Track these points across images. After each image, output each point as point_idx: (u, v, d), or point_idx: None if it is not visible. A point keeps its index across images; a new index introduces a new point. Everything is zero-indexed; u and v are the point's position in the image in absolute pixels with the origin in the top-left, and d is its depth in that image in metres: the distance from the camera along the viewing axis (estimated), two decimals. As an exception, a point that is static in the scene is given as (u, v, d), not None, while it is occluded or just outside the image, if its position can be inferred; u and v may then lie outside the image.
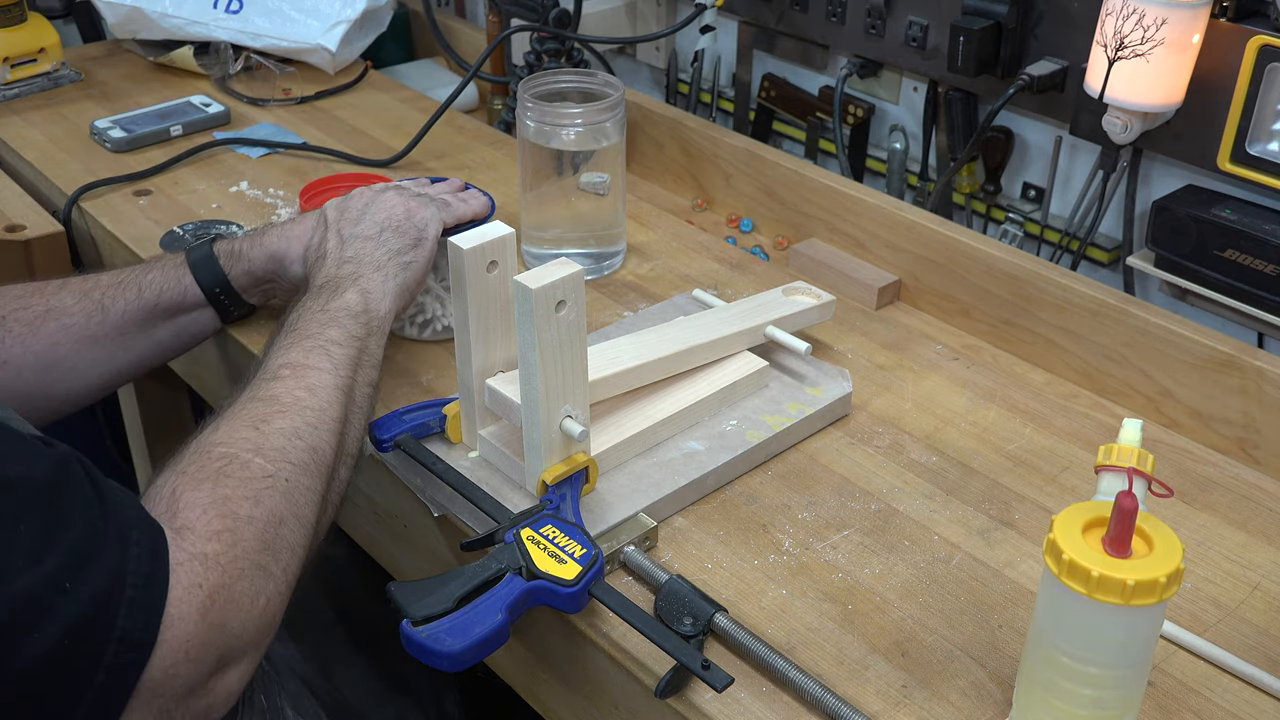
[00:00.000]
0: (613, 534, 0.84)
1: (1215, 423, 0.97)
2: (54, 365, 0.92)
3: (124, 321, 0.95)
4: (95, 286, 0.95)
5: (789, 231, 1.27)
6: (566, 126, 1.12)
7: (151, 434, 1.61)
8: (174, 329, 1.00)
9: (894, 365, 1.07)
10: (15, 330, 0.91)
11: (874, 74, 1.37)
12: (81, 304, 0.94)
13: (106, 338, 0.95)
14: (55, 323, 0.92)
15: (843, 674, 0.76)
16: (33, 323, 0.91)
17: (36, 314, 0.92)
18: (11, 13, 1.50)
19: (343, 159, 1.40)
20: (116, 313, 0.95)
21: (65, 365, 0.93)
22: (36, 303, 0.92)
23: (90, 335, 0.94)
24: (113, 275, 0.97)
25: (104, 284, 0.96)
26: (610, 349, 0.95)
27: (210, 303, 1.00)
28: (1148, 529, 0.64)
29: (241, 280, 1.01)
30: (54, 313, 0.92)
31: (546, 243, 1.18)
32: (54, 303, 0.93)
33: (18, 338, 0.91)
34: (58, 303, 0.93)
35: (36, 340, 0.91)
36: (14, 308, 0.92)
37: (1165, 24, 1.01)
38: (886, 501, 0.91)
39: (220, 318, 1.02)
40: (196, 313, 1.00)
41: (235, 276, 1.00)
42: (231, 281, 1.00)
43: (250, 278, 1.01)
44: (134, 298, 0.96)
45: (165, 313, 0.98)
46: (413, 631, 0.71)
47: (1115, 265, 1.22)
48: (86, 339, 0.94)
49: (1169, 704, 0.75)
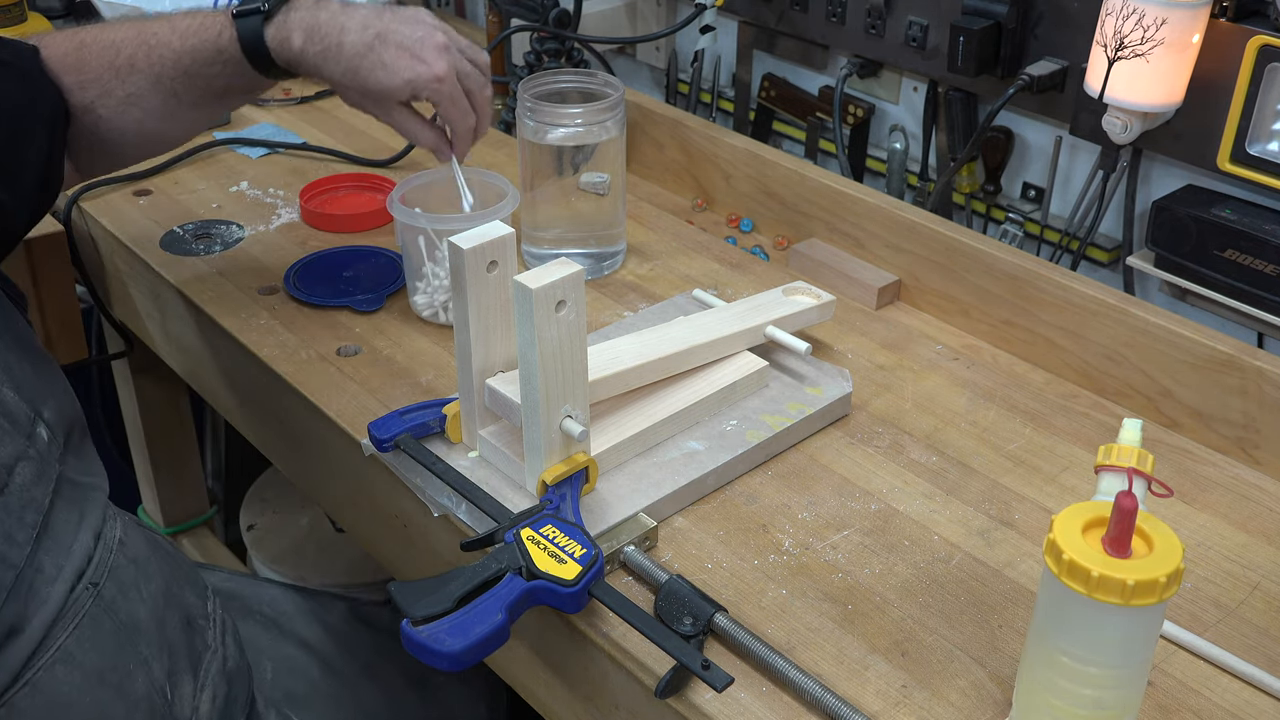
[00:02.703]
0: (613, 534, 0.84)
1: (1215, 423, 0.97)
2: (147, 137, 1.05)
3: (198, 102, 1.04)
4: (163, 72, 1.00)
5: (789, 231, 1.27)
6: (566, 126, 1.12)
7: (151, 434, 1.61)
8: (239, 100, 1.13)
9: (894, 365, 1.07)
10: (103, 114, 1.01)
11: (874, 74, 1.37)
12: (155, 89, 1.01)
13: (179, 114, 1.04)
14: (137, 109, 1.01)
15: (843, 674, 0.76)
16: (117, 107, 1.01)
17: (119, 100, 1.00)
18: (11, 13, 1.50)
19: (343, 159, 1.40)
20: (190, 99, 1.03)
21: (146, 137, 1.05)
22: (116, 89, 1.00)
23: (168, 114, 1.03)
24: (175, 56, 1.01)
25: (170, 68, 1.01)
26: (610, 349, 0.95)
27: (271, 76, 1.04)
28: (1148, 529, 0.64)
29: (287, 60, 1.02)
30: (134, 98, 1.01)
31: (546, 243, 1.18)
32: (131, 89, 1.00)
33: (109, 123, 1.01)
34: (134, 88, 1.00)
35: (122, 121, 1.02)
36: (97, 94, 1.00)
37: (1165, 24, 1.01)
38: (886, 501, 0.91)
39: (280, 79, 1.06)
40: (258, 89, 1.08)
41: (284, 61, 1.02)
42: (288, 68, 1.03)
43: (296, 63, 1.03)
44: (204, 87, 1.02)
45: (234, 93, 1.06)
46: (413, 631, 0.71)
47: (1115, 265, 1.22)
48: (167, 116, 1.03)
49: (1169, 704, 0.75)
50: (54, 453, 0.83)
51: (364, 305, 1.12)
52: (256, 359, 1.06)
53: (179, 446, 1.66)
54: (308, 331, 1.09)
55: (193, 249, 1.22)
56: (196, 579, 0.98)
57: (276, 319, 1.11)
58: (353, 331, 1.09)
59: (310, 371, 1.04)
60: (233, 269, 1.18)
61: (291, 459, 1.14)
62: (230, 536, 1.83)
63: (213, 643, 0.96)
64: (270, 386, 1.06)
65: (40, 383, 0.85)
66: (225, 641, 0.98)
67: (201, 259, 1.20)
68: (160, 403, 1.59)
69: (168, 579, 0.93)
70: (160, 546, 0.95)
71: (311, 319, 1.11)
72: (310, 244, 1.23)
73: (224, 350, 1.13)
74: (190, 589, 0.96)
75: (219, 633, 0.97)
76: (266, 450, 1.18)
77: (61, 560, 0.82)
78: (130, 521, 0.92)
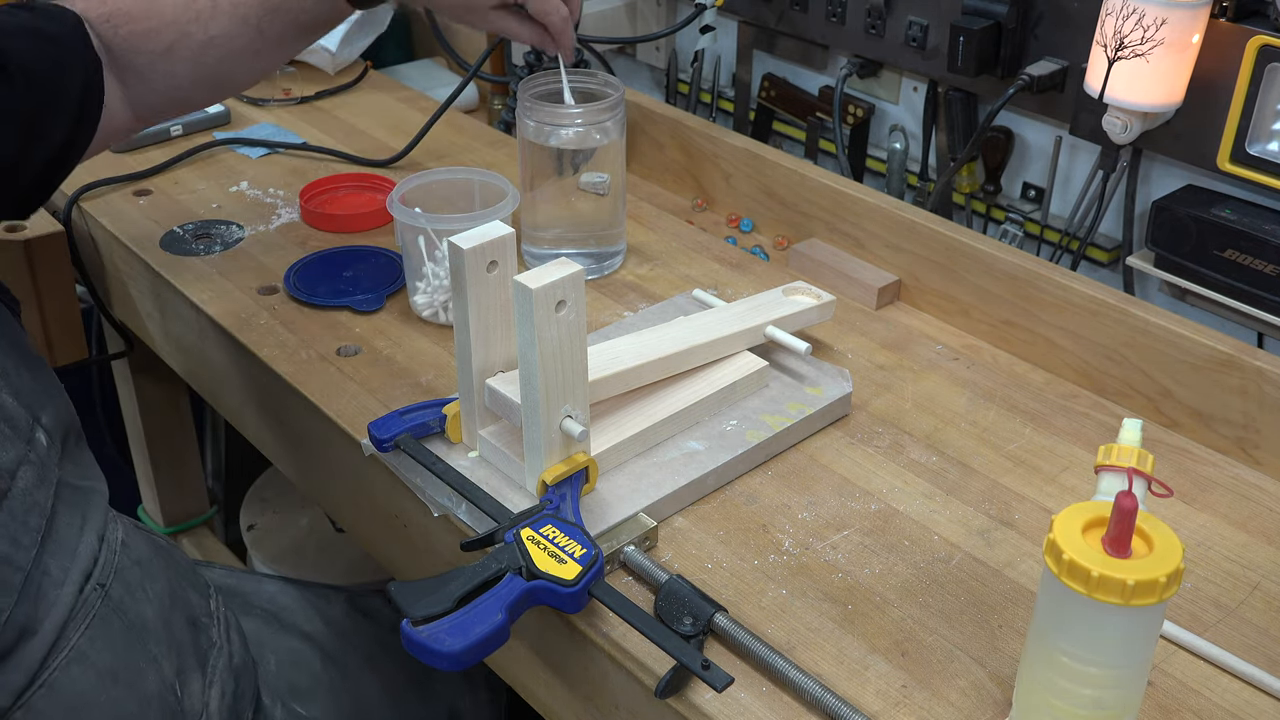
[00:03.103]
0: (613, 534, 0.84)
1: (1215, 423, 0.97)
2: (218, 83, 1.05)
3: (281, 39, 1.04)
4: (249, 12, 1.01)
5: (789, 231, 1.27)
6: (566, 126, 1.12)
7: (151, 434, 1.61)
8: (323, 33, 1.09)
9: (894, 365, 1.07)
10: (184, 58, 1.00)
11: (874, 74, 1.37)
12: (241, 30, 1.01)
13: (263, 52, 1.04)
14: (219, 50, 1.01)
15: (843, 674, 0.76)
16: (198, 51, 1.00)
17: (199, 43, 1.00)
18: (11, 12, 1.50)
19: (343, 159, 1.40)
20: (274, 35, 1.03)
21: (227, 80, 1.06)
22: (196, 31, 1.00)
23: (251, 53, 1.03)
24: None
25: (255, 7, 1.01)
26: (610, 349, 0.95)
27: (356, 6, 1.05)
28: (1148, 529, 0.64)
29: None
30: (216, 41, 1.00)
31: (546, 243, 1.18)
32: (214, 30, 1.00)
33: (187, 66, 1.01)
34: (217, 30, 1.00)
35: (204, 65, 1.01)
36: (175, 36, 0.99)
37: (1165, 24, 1.01)
38: (886, 501, 0.91)
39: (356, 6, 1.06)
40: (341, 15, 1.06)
41: None
42: None
43: None
44: (290, 22, 1.03)
45: (319, 27, 1.06)
46: (413, 631, 0.71)
47: (1115, 265, 1.22)
48: (247, 57, 1.03)
49: (1169, 704, 0.75)
50: (53, 457, 0.83)
51: (364, 305, 1.12)
52: (256, 359, 1.06)
53: (179, 446, 1.66)
54: (308, 331, 1.09)
55: (193, 249, 1.22)
56: (197, 578, 0.99)
57: (276, 319, 1.11)
58: (353, 331, 1.09)
59: (310, 371, 1.04)
60: (233, 269, 1.18)
61: (291, 459, 1.14)
62: (230, 536, 1.83)
63: (218, 639, 0.96)
64: (270, 386, 1.06)
65: (38, 388, 0.85)
66: (230, 638, 0.98)
67: (201, 259, 1.20)
68: (160, 403, 1.59)
69: (170, 579, 0.93)
70: (161, 548, 0.95)
71: (311, 319, 1.11)
72: (310, 244, 1.23)
73: (224, 350, 1.13)
74: (192, 588, 0.96)
75: (223, 629, 0.98)
76: (266, 450, 1.18)
77: (67, 563, 0.82)
78: (130, 524, 0.92)
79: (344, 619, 1.19)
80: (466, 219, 1.05)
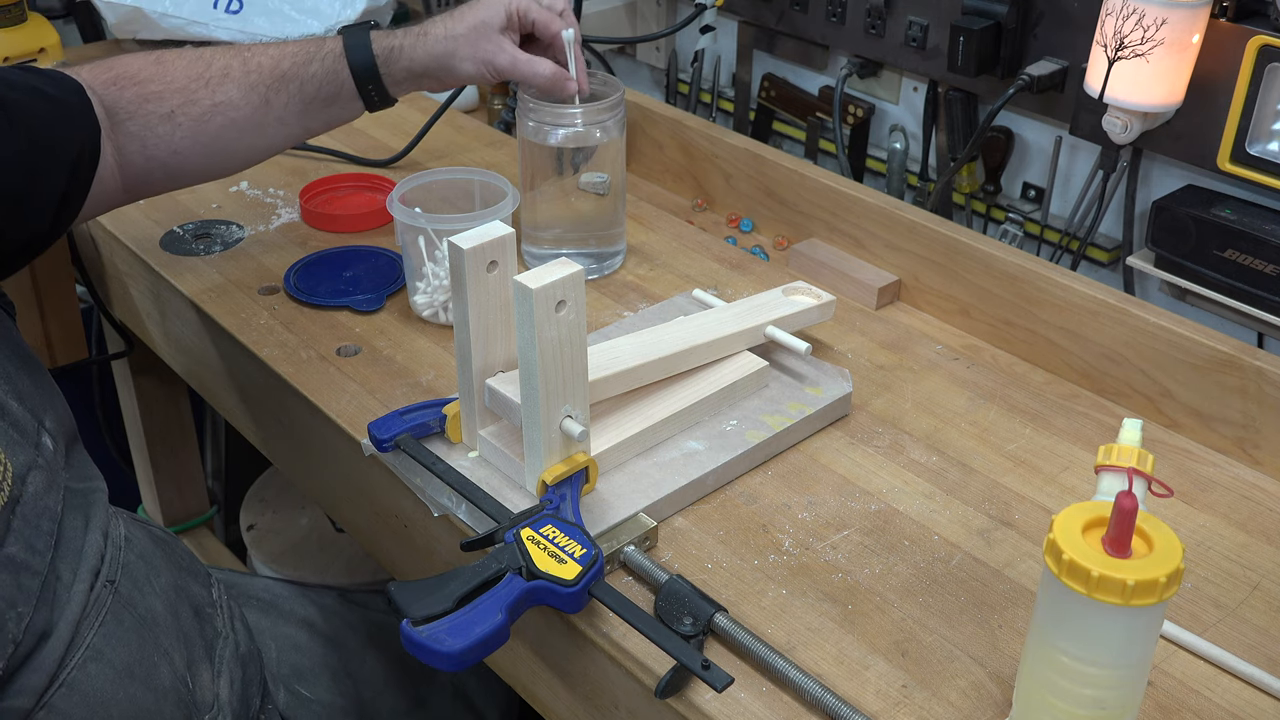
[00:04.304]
0: (613, 534, 0.84)
1: (1215, 423, 0.97)
2: (219, 153, 1.02)
3: (285, 113, 1.02)
4: (260, 80, 1.00)
5: (789, 231, 1.27)
6: (566, 126, 1.12)
7: (151, 434, 1.61)
8: (325, 117, 1.06)
9: (894, 365, 1.07)
10: (184, 124, 0.98)
11: (874, 74, 1.37)
12: (246, 97, 1.00)
13: (268, 126, 1.02)
14: (222, 117, 0.99)
15: (843, 674, 0.76)
16: (201, 117, 0.98)
17: (204, 109, 0.98)
18: (11, 13, 1.50)
19: (343, 159, 1.40)
20: (279, 105, 1.01)
21: (229, 151, 1.02)
22: (203, 97, 0.98)
23: (254, 125, 1.01)
24: (274, 62, 1.01)
25: (266, 75, 1.00)
26: (610, 349, 0.95)
27: (360, 96, 1.04)
28: (1148, 529, 0.64)
29: (398, 77, 1.05)
30: (220, 108, 0.99)
31: (546, 243, 1.18)
32: (220, 97, 0.99)
33: (187, 131, 0.98)
34: (224, 97, 0.99)
35: (205, 133, 0.99)
36: (180, 102, 0.97)
37: (1165, 24, 1.01)
38: (886, 501, 0.91)
39: (366, 108, 1.07)
40: (347, 104, 1.05)
41: (390, 74, 1.04)
42: (385, 81, 1.04)
43: (408, 74, 1.05)
44: (295, 91, 1.02)
45: (322, 104, 1.04)
46: (413, 631, 0.71)
47: (1115, 265, 1.22)
48: (251, 129, 1.01)
49: (1169, 704, 0.75)
50: (59, 461, 0.84)
51: (364, 305, 1.12)
52: (256, 359, 1.06)
53: (179, 446, 1.66)
54: (308, 331, 1.09)
55: (193, 249, 1.22)
56: (198, 568, 0.99)
57: (276, 319, 1.11)
58: (353, 331, 1.09)
59: (310, 371, 1.04)
60: (233, 269, 1.18)
61: (291, 459, 1.14)
62: (230, 536, 1.83)
63: (223, 629, 0.97)
64: (270, 386, 1.06)
65: (39, 393, 0.85)
66: (235, 627, 0.98)
67: (201, 259, 1.20)
68: (160, 403, 1.59)
69: (174, 571, 0.93)
70: (160, 540, 0.95)
71: (311, 319, 1.11)
72: (310, 244, 1.23)
73: (224, 350, 1.13)
74: (194, 579, 0.97)
75: (228, 619, 0.98)
76: (266, 450, 1.18)
77: (76, 563, 0.82)
78: (129, 518, 0.92)
79: (338, 606, 1.19)
80: (466, 219, 1.05)
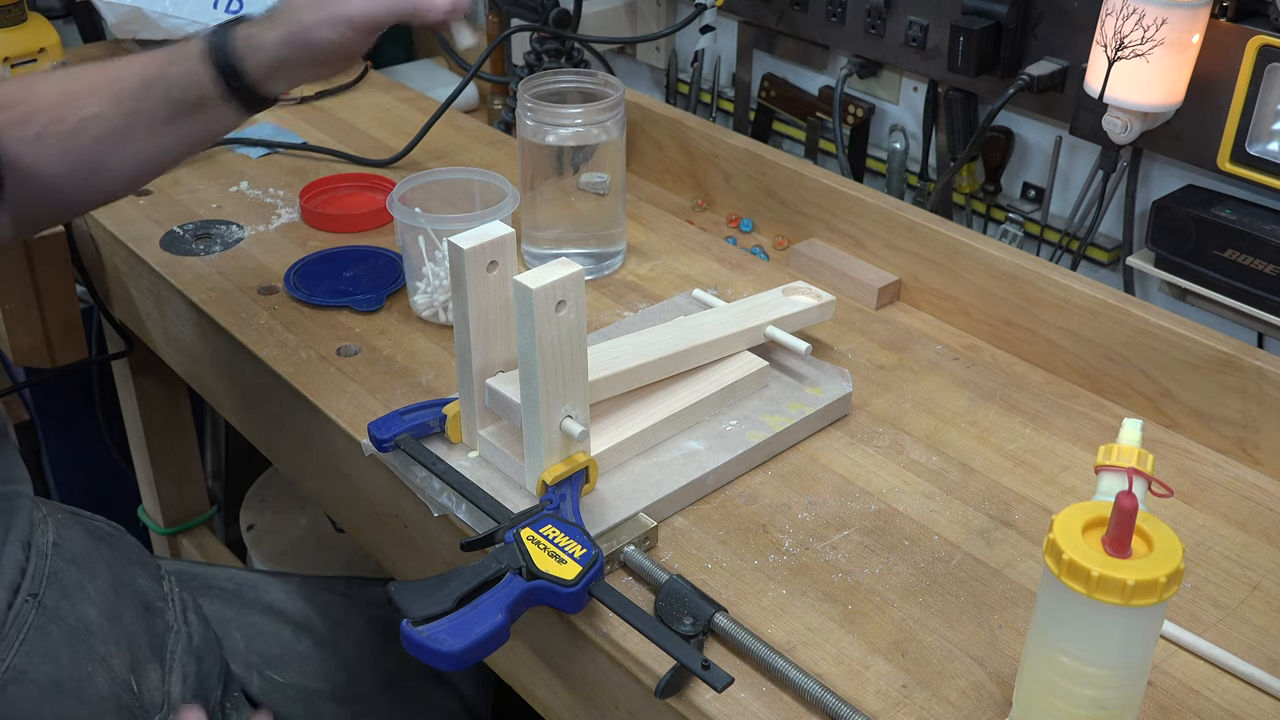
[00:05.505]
0: (613, 534, 0.84)
1: (1215, 423, 0.97)
2: (90, 171, 0.95)
3: (153, 120, 0.95)
4: (125, 88, 0.95)
5: (789, 231, 1.27)
6: (566, 126, 1.12)
7: (151, 434, 1.61)
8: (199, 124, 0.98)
9: (894, 365, 1.07)
10: (53, 143, 0.92)
11: (874, 74, 1.37)
12: (114, 108, 0.94)
13: (138, 135, 0.95)
14: (90, 132, 0.93)
15: (843, 674, 0.76)
16: (69, 134, 0.93)
17: (71, 125, 0.93)
18: (11, 13, 1.50)
19: (343, 159, 1.40)
20: (147, 112, 0.95)
21: (100, 167, 0.95)
22: (70, 114, 0.93)
23: (123, 136, 0.95)
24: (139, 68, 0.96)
25: (133, 83, 0.95)
26: (610, 349, 0.95)
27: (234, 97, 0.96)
28: (1148, 529, 0.64)
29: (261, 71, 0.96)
30: (87, 122, 0.93)
31: (546, 243, 1.18)
32: (87, 111, 0.93)
33: (57, 150, 0.92)
34: (91, 111, 0.93)
35: (73, 151, 0.93)
36: (48, 120, 0.92)
37: (1165, 24, 1.01)
38: (886, 501, 0.91)
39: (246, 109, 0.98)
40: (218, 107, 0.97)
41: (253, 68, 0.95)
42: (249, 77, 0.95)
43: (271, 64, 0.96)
44: (161, 96, 0.95)
45: (191, 107, 0.96)
46: (413, 631, 0.71)
47: (1115, 265, 1.22)
48: (121, 140, 0.95)
49: (1169, 704, 0.75)
50: None
51: (364, 305, 1.12)
52: (256, 359, 1.06)
53: (179, 446, 1.66)
54: (308, 331, 1.09)
55: (193, 249, 1.22)
56: (147, 561, 0.96)
57: (276, 319, 1.11)
58: (353, 331, 1.09)
59: (310, 371, 1.04)
60: (233, 269, 1.18)
61: (291, 459, 1.14)
62: (230, 536, 1.83)
63: (174, 622, 0.94)
64: (270, 386, 1.06)
65: None
66: (187, 619, 0.96)
67: (201, 259, 1.20)
68: (160, 403, 1.59)
69: (116, 570, 0.90)
70: (103, 535, 0.92)
71: (311, 319, 1.11)
72: (310, 244, 1.23)
73: (224, 350, 1.13)
74: (142, 572, 0.94)
75: (179, 611, 0.95)
76: (266, 450, 1.18)
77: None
78: (64, 519, 0.89)
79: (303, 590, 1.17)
80: (466, 219, 1.05)
